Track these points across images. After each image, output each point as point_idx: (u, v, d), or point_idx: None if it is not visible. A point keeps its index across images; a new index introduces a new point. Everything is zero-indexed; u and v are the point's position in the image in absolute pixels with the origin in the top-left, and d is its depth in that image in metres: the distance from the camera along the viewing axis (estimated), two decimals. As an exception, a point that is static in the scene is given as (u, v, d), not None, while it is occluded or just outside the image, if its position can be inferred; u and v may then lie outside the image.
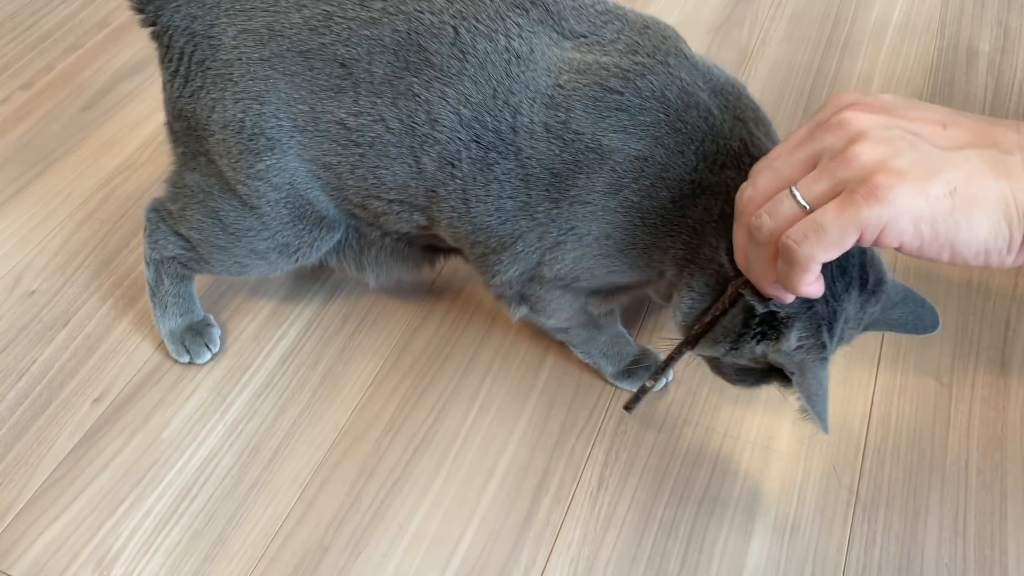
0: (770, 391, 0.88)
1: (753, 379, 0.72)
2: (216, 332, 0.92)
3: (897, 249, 0.50)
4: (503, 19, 0.69)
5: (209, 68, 0.73)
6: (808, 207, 0.52)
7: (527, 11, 0.70)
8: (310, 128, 0.73)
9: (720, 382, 0.90)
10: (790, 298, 0.60)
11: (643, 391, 0.77)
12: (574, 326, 0.84)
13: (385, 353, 0.92)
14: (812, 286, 0.54)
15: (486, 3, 0.69)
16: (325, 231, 0.81)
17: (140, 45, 1.26)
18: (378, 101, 0.70)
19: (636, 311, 0.95)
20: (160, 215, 0.86)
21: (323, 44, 0.70)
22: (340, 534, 0.80)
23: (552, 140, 0.68)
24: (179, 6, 0.74)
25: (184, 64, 0.74)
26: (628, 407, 0.79)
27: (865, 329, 0.68)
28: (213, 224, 0.81)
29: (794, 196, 0.52)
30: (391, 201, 0.75)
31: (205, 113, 0.75)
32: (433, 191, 0.73)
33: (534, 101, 0.68)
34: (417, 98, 0.69)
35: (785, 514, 0.81)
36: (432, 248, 0.85)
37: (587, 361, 0.89)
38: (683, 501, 0.81)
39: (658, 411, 0.87)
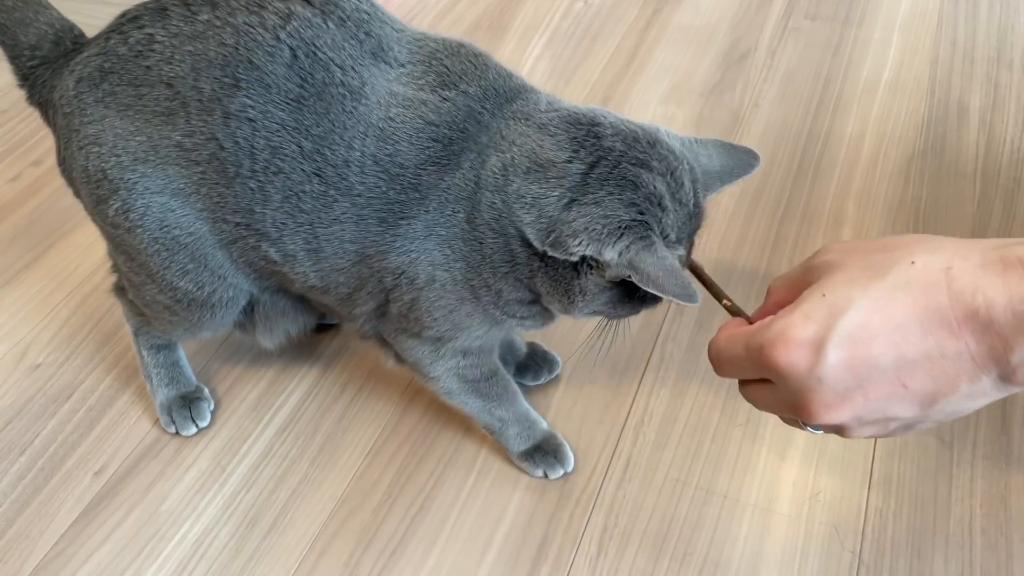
0: (769, 452, 0.88)
1: (628, 303, 0.69)
2: (205, 405, 0.91)
3: None
4: (339, 49, 0.67)
5: (62, 127, 0.73)
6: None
7: (361, 42, 0.68)
8: (151, 157, 0.70)
9: (719, 444, 0.90)
10: None
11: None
12: (456, 391, 0.82)
13: (383, 420, 0.93)
14: None
15: (323, 28, 0.67)
16: (220, 280, 0.77)
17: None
18: (208, 119, 0.67)
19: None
20: (118, 289, 0.88)
21: (148, 68, 0.68)
22: (338, 606, 0.79)
23: (380, 175, 0.67)
24: (45, 80, 0.75)
25: (54, 131, 0.75)
26: None
27: (705, 193, 0.68)
28: (129, 285, 0.82)
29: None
30: (238, 224, 0.72)
31: (68, 173, 0.75)
32: (283, 223, 0.70)
33: (366, 135, 0.67)
34: (253, 122, 0.67)
35: (787, 579, 0.80)
36: (304, 299, 0.82)
37: (491, 437, 0.87)
38: (683, 567, 0.80)
39: (657, 474, 0.87)
